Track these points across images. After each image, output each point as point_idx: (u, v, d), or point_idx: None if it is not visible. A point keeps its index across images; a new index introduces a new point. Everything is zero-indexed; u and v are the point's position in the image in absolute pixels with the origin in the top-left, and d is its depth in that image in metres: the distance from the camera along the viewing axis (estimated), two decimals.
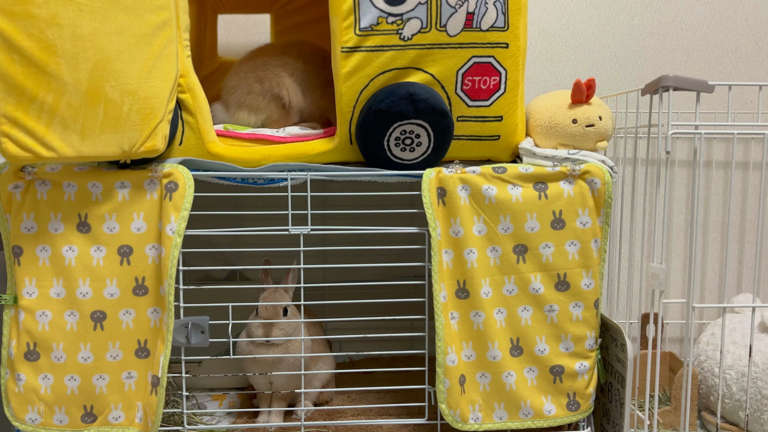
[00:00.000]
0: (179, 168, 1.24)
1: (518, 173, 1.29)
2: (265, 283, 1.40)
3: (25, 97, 1.10)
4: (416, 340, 1.69)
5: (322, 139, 1.35)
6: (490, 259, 1.29)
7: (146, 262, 1.24)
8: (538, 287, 1.29)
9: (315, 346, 1.43)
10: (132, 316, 1.24)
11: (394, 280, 1.39)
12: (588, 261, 1.30)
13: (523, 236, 1.29)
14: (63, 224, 1.22)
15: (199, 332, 1.26)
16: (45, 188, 1.22)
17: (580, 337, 1.31)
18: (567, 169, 1.29)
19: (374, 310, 1.49)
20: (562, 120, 1.33)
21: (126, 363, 1.25)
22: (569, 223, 1.29)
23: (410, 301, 1.34)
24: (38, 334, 1.22)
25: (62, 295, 1.23)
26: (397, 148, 1.29)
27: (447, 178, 1.28)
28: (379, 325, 1.60)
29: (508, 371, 1.30)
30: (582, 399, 1.32)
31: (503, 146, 1.35)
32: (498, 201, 1.28)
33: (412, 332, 1.74)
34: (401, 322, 1.63)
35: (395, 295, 1.37)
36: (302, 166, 1.30)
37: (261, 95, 1.42)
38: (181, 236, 1.22)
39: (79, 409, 1.24)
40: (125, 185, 1.23)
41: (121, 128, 1.15)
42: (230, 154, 1.31)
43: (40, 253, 1.22)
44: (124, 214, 1.23)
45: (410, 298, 1.35)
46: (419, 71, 1.28)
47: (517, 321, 1.30)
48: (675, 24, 1.95)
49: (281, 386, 1.39)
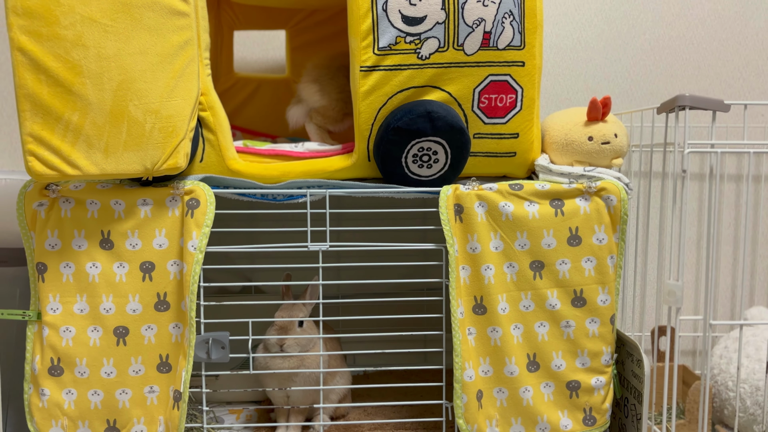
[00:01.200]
0: (200, 185, 1.26)
1: (535, 190, 1.30)
2: (286, 298, 1.41)
3: (51, 117, 1.13)
4: (430, 354, 1.71)
5: (341, 155, 1.36)
6: (507, 275, 1.30)
7: (168, 278, 1.25)
8: (555, 303, 1.30)
9: (332, 361, 1.44)
10: (154, 332, 1.26)
11: (409, 295, 1.40)
12: (604, 277, 1.31)
13: (540, 252, 1.30)
14: (86, 241, 1.24)
15: (220, 348, 1.27)
16: (69, 206, 1.24)
17: (596, 352, 1.32)
18: (583, 186, 1.30)
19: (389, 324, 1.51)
20: (578, 137, 1.34)
21: (148, 378, 1.26)
22: (585, 240, 1.30)
23: (426, 316, 1.35)
24: (62, 349, 1.23)
25: (86, 311, 1.24)
26: (414, 164, 1.31)
27: (464, 195, 1.29)
28: (392, 339, 1.61)
29: (525, 386, 1.31)
30: (598, 414, 1.33)
31: (519, 163, 1.36)
32: (515, 218, 1.29)
33: (426, 347, 1.76)
34: (415, 337, 1.64)
35: (409, 310, 1.38)
36: (321, 183, 1.32)
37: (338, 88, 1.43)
38: (203, 252, 1.23)
39: (103, 423, 1.25)
40: (147, 202, 1.25)
41: (144, 146, 1.17)
42: (250, 170, 1.33)
43: (64, 269, 1.24)
44: (147, 230, 1.24)
45: (423, 313, 1.36)
46: (437, 89, 1.29)
47: (534, 336, 1.31)
48: (686, 39, 1.96)
49: (298, 400, 1.40)
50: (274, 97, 1.83)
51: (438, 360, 1.38)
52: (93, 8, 1.12)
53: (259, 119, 1.82)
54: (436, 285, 1.42)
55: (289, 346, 1.35)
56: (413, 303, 1.42)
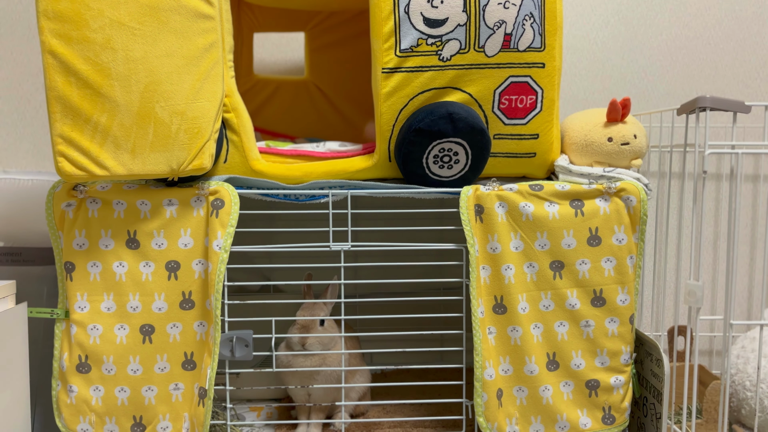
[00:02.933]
0: (225, 186, 1.27)
1: (555, 191, 1.31)
2: (307, 297, 1.43)
3: (80, 118, 1.15)
4: (446, 353, 1.72)
5: (362, 156, 1.38)
6: (527, 275, 1.31)
7: (193, 277, 1.27)
8: (575, 303, 1.31)
9: (352, 359, 1.46)
10: (179, 330, 1.27)
11: (426, 295, 1.41)
12: (623, 277, 1.31)
13: (560, 253, 1.30)
14: (113, 241, 1.26)
15: (243, 346, 1.29)
16: (96, 206, 1.26)
17: (615, 351, 1.32)
18: (603, 187, 1.31)
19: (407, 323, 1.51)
20: (598, 138, 1.35)
21: (173, 375, 1.27)
22: (605, 240, 1.30)
23: (444, 316, 1.36)
24: (90, 347, 1.25)
25: (112, 309, 1.26)
26: (435, 165, 1.32)
27: (484, 195, 1.30)
28: (409, 338, 1.62)
29: (545, 385, 1.32)
30: (617, 413, 1.33)
31: (539, 163, 1.37)
32: (535, 218, 1.30)
33: (442, 346, 1.76)
34: (432, 336, 1.65)
35: (427, 309, 1.39)
36: (343, 183, 1.33)
37: None
38: (228, 252, 1.25)
39: (129, 420, 1.27)
40: (173, 203, 1.26)
41: (170, 147, 1.19)
42: (273, 171, 1.34)
43: (91, 268, 1.26)
44: (172, 230, 1.26)
45: (440, 312, 1.37)
46: (457, 91, 1.30)
47: (554, 336, 1.32)
48: (704, 39, 1.96)
49: (320, 398, 1.41)
50: (293, 99, 1.85)
51: (456, 359, 1.39)
52: (121, 12, 1.14)
53: (278, 120, 1.84)
54: (453, 285, 1.43)
55: (311, 345, 1.36)
56: (431, 303, 1.43)
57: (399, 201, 1.38)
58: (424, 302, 1.41)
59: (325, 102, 1.85)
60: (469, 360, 1.35)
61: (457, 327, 1.36)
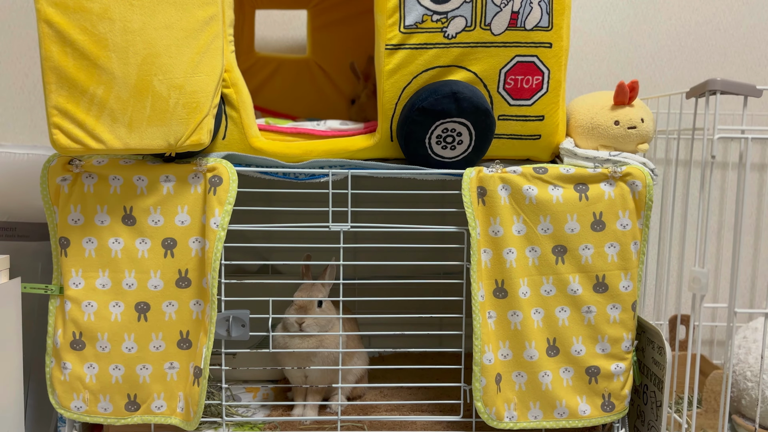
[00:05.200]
0: (223, 162, 1.25)
1: (559, 174, 1.29)
2: (305, 278, 1.41)
3: (76, 90, 1.12)
4: (445, 337, 1.70)
5: (363, 135, 1.35)
6: (528, 259, 1.29)
7: (189, 255, 1.25)
8: (576, 288, 1.29)
9: (350, 342, 1.44)
10: (175, 308, 1.26)
11: (426, 278, 1.39)
12: (627, 263, 1.29)
13: (563, 237, 1.29)
14: (109, 217, 1.24)
15: (240, 326, 1.28)
16: (92, 181, 1.24)
17: (616, 338, 1.31)
18: (608, 171, 1.28)
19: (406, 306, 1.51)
20: (604, 121, 1.32)
21: (168, 353, 1.26)
22: (609, 225, 1.28)
23: (444, 299, 1.35)
24: (84, 324, 1.24)
25: (108, 286, 1.24)
26: (438, 146, 1.29)
27: (488, 177, 1.28)
28: (408, 321, 1.61)
29: (545, 371, 1.30)
30: (617, 400, 1.32)
31: (544, 146, 1.35)
32: (538, 201, 1.28)
33: (442, 330, 1.75)
34: (431, 320, 1.64)
35: (426, 293, 1.38)
36: (343, 163, 1.31)
37: None
38: (225, 230, 1.23)
39: (123, 398, 1.26)
40: (170, 179, 1.24)
41: (168, 122, 1.16)
42: (272, 149, 1.32)
43: (87, 244, 1.24)
44: (169, 207, 1.24)
45: (440, 296, 1.35)
46: (462, 69, 1.28)
47: (555, 321, 1.30)
48: (713, 24, 1.93)
49: (317, 380, 1.40)
50: (294, 78, 1.82)
51: (454, 343, 1.38)
52: None
53: (279, 99, 1.81)
54: (452, 268, 1.42)
55: (309, 326, 1.35)
56: (431, 286, 1.41)
57: (400, 182, 1.36)
58: (423, 285, 1.39)
59: (327, 81, 1.82)
60: (468, 344, 1.33)
61: (456, 311, 1.34)
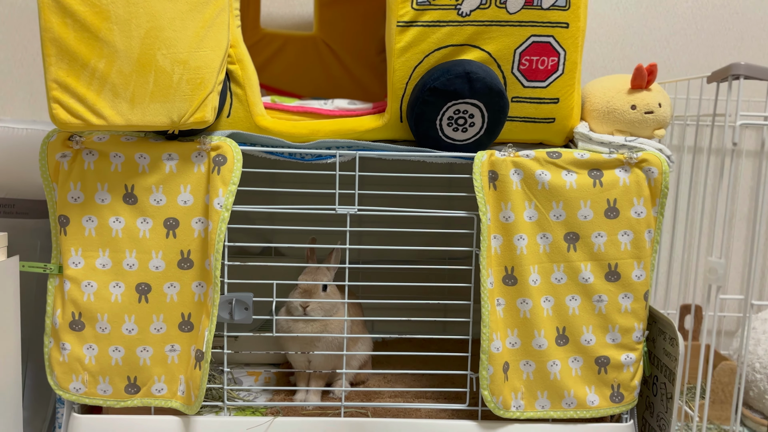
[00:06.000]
0: (227, 141, 1.22)
1: (573, 159, 1.25)
2: (310, 262, 1.39)
3: (76, 63, 1.09)
4: (448, 323, 1.68)
5: (372, 115, 1.32)
6: (539, 246, 1.27)
7: (192, 236, 1.22)
8: (588, 276, 1.27)
9: (354, 327, 1.42)
10: (176, 290, 1.23)
11: (432, 264, 1.36)
12: (640, 252, 1.26)
13: (576, 224, 1.25)
14: (110, 195, 1.21)
15: (243, 309, 1.25)
16: (92, 158, 1.20)
17: (627, 328, 1.28)
18: (624, 157, 1.25)
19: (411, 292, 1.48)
20: (621, 105, 1.28)
21: (169, 336, 1.24)
22: (623, 213, 1.25)
23: (450, 285, 1.32)
24: (84, 304, 1.21)
25: (108, 266, 1.22)
26: (449, 128, 1.26)
27: (499, 161, 1.25)
28: (413, 307, 1.58)
29: (553, 360, 1.28)
30: (626, 391, 1.30)
31: (558, 129, 1.31)
32: (551, 187, 1.24)
33: (446, 316, 1.73)
34: (437, 306, 1.61)
35: (432, 278, 1.35)
36: (351, 143, 1.27)
37: None
38: (229, 211, 1.20)
39: (123, 380, 1.24)
40: (173, 157, 1.21)
41: (171, 98, 1.13)
42: (278, 128, 1.28)
43: (87, 223, 1.21)
44: (171, 186, 1.21)
45: (445, 282, 1.32)
46: (476, 49, 1.24)
47: (565, 310, 1.27)
48: (730, 8, 1.88)
49: (320, 365, 1.38)
50: (300, 56, 1.77)
51: (460, 330, 1.35)
52: None
53: (284, 78, 1.77)
54: (459, 254, 1.39)
55: (313, 310, 1.32)
56: (437, 272, 1.38)
57: (409, 165, 1.32)
58: (430, 271, 1.36)
59: (334, 60, 1.77)
60: (475, 331, 1.31)
61: (463, 297, 1.32)
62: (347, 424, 1.30)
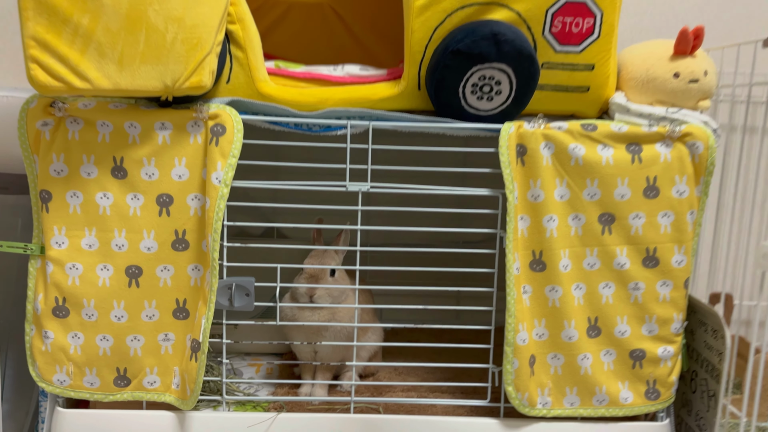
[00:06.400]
0: (227, 109, 1.12)
1: (610, 132, 1.15)
2: (317, 244, 1.29)
3: (57, 18, 1.00)
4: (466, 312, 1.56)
5: (386, 82, 1.21)
6: (571, 229, 1.16)
7: (187, 214, 1.13)
8: (624, 262, 1.16)
9: (364, 315, 1.32)
10: (170, 273, 1.14)
11: (447, 247, 1.25)
12: (681, 235, 1.16)
13: (611, 204, 1.15)
14: (96, 168, 1.11)
15: (244, 294, 1.16)
16: (77, 127, 1.10)
17: (665, 319, 1.18)
18: (665, 130, 1.14)
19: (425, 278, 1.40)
20: (662, 73, 1.17)
21: (162, 324, 1.16)
22: (664, 192, 1.15)
23: (476, 271, 1.20)
24: (68, 288, 1.13)
25: (95, 246, 1.13)
26: (473, 96, 1.14)
27: (529, 134, 1.13)
28: (428, 294, 1.48)
29: (584, 353, 1.18)
30: (663, 387, 1.20)
31: (592, 100, 1.20)
32: (586, 163, 1.14)
33: (459, 303, 1.62)
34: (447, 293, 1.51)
35: (449, 263, 1.24)
36: (364, 113, 1.17)
37: None
38: (228, 186, 1.11)
39: (112, 372, 1.16)
40: (166, 126, 1.11)
41: (164, 59, 1.03)
42: (282, 95, 1.18)
43: (71, 199, 1.12)
44: (165, 159, 1.12)
45: (461, 267, 1.22)
46: (503, 8, 1.12)
47: (597, 298, 1.18)
48: None
49: (327, 356, 1.29)
50: (305, 22, 1.65)
51: (474, 318, 1.26)
52: None
53: (288, 47, 1.65)
54: (474, 237, 1.28)
55: (320, 297, 1.24)
56: (457, 256, 1.27)
57: (425, 139, 1.21)
58: (447, 255, 1.24)
59: (342, 27, 1.65)
60: (497, 321, 1.20)
61: (481, 284, 1.21)
62: (357, 422, 1.21)
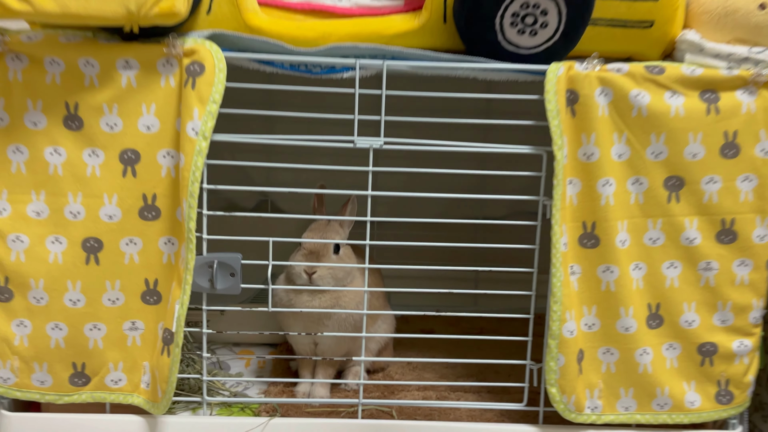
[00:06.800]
0: (206, 44, 0.99)
1: (681, 76, 1.00)
2: (318, 214, 1.14)
3: None
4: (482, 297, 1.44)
5: (403, 14, 1.06)
6: (631, 195, 1.03)
7: (159, 175, 1.01)
8: (693, 237, 1.03)
9: (374, 300, 1.17)
10: (138, 248, 1.02)
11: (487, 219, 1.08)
12: (766, 204, 1.03)
13: (681, 165, 1.01)
14: (45, 117, 0.99)
15: (228, 275, 1.02)
16: (20, 65, 0.98)
17: (743, 306, 1.05)
18: (748, 74, 1.00)
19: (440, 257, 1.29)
20: (744, 5, 1.02)
21: (128, 309, 1.04)
22: (745, 150, 1.01)
23: (512, 247, 1.02)
24: (10, 265, 1.01)
25: (44, 214, 1.01)
26: (513, 28, 0.99)
27: (581, 77, 0.99)
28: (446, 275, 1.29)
29: (643, 348, 1.05)
30: (737, 389, 1.07)
31: (656, 38, 1.04)
32: (650, 114, 1.00)
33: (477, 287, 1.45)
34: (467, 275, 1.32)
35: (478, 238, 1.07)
36: (375, 50, 1.02)
37: None
38: (208, 139, 0.98)
39: (67, 368, 1.04)
40: (131, 65, 0.98)
41: None
42: (276, 29, 1.04)
43: (13, 155, 0.99)
44: (129, 105, 0.99)
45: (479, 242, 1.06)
46: None
47: (660, 281, 1.04)
48: None
49: (329, 350, 1.15)
50: None
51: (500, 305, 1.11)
52: None
53: None
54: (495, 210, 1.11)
55: (321, 278, 1.11)
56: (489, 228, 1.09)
57: (445, 83, 1.06)
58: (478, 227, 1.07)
59: None
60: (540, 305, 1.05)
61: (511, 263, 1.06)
62: (366, 428, 1.08)
